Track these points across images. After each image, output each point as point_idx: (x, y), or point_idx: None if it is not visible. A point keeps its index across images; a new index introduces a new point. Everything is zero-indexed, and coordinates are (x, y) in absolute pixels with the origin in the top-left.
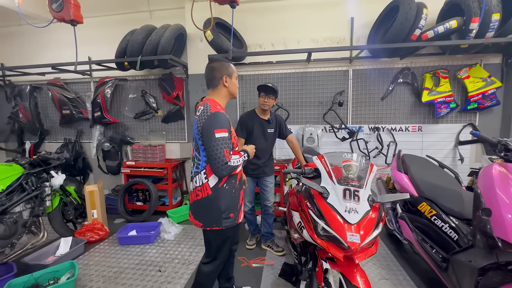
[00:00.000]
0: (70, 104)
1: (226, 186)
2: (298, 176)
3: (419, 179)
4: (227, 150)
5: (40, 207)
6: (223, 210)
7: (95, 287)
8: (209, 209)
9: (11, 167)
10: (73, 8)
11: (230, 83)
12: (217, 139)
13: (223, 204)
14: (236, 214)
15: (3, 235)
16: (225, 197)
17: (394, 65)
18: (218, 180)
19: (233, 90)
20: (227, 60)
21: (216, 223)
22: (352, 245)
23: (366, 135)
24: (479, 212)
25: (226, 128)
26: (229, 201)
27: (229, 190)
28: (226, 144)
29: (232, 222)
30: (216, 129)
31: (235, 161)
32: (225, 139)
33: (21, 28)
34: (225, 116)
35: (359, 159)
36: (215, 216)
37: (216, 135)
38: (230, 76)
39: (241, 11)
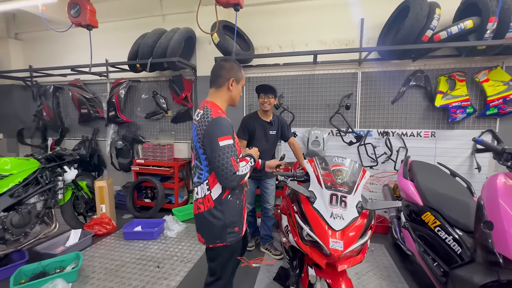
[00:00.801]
0: (87, 104)
1: (231, 197)
2: (285, 179)
3: (425, 187)
4: (234, 159)
5: (52, 199)
6: (227, 224)
7: (96, 278)
8: (212, 224)
9: (28, 161)
10: (88, 13)
11: (235, 89)
12: (222, 148)
13: (227, 218)
14: (240, 227)
15: (17, 224)
16: (229, 209)
17: (406, 67)
18: (221, 191)
19: (236, 96)
20: (240, 64)
21: (220, 239)
22: (334, 252)
23: (375, 140)
24: (481, 225)
25: (230, 135)
26: (234, 213)
27: (233, 201)
28: (232, 152)
29: (237, 236)
30: (219, 137)
31: (243, 169)
32: (231, 147)
33: (47, 33)
34: (228, 122)
35: (351, 164)
36: (219, 232)
37: (220, 143)
38: (237, 81)
39: (250, 14)
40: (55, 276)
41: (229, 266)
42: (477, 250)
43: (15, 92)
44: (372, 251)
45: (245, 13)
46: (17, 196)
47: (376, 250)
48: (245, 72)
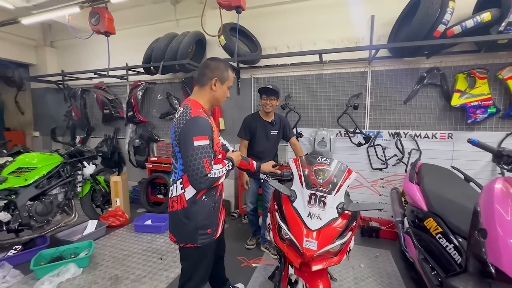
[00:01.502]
0: (110, 105)
1: (205, 198)
2: (267, 178)
3: (431, 192)
4: (207, 160)
5: (72, 191)
6: (199, 226)
7: (105, 265)
8: (184, 224)
9: (52, 156)
10: (106, 21)
11: (219, 89)
12: (195, 148)
13: (199, 219)
14: (214, 229)
15: (41, 212)
16: (203, 211)
17: (420, 65)
18: (196, 191)
19: (220, 97)
20: (229, 64)
21: (190, 239)
22: (307, 251)
23: (386, 141)
24: (475, 232)
25: (207, 135)
26: (207, 215)
27: (208, 203)
28: (206, 153)
29: (210, 238)
30: (195, 136)
31: (216, 172)
32: (205, 148)
33: (77, 40)
34: (207, 121)
35: (335, 164)
36: (190, 232)
37: (195, 143)
38: (222, 81)
39: (258, 15)
40: (69, 260)
41: (201, 268)
42: (469, 259)
43: (49, 94)
44: (376, 257)
45: (254, 14)
46: (41, 187)
47: (382, 256)
48: (254, 73)
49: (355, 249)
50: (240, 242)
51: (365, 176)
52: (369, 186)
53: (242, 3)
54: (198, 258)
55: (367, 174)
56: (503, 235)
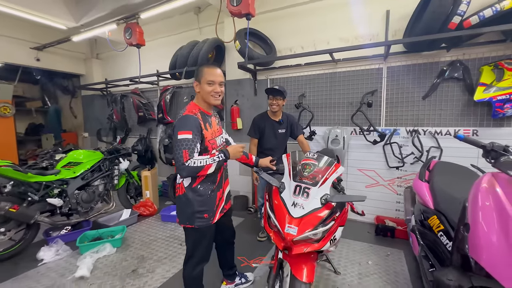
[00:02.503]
0: (143, 108)
1: (200, 187)
2: (259, 171)
3: (440, 190)
4: (186, 151)
5: (110, 183)
6: (195, 210)
7: (134, 247)
8: (183, 207)
9: (95, 153)
10: (137, 35)
11: (201, 89)
12: (178, 141)
13: (196, 205)
14: (210, 215)
15: (86, 200)
16: (198, 197)
17: (440, 58)
18: (192, 180)
19: (205, 95)
20: (206, 64)
21: (189, 221)
22: (288, 236)
23: (403, 139)
24: (460, 227)
25: (191, 130)
26: (203, 202)
27: (203, 191)
28: (187, 145)
29: (206, 222)
30: (180, 131)
31: (197, 162)
32: (187, 141)
33: (117, 52)
34: (194, 119)
35: (323, 159)
36: (188, 214)
37: (178, 136)
38: (199, 81)
39: (273, 18)
40: (106, 241)
41: (201, 247)
42: (454, 253)
43: (95, 100)
44: (387, 256)
45: (268, 18)
46: (86, 179)
47: (393, 255)
48: (269, 74)
49: (365, 247)
50: (252, 235)
51: (381, 174)
52: (385, 185)
53: (251, 10)
54: (197, 238)
55: (383, 173)
56: (482, 230)
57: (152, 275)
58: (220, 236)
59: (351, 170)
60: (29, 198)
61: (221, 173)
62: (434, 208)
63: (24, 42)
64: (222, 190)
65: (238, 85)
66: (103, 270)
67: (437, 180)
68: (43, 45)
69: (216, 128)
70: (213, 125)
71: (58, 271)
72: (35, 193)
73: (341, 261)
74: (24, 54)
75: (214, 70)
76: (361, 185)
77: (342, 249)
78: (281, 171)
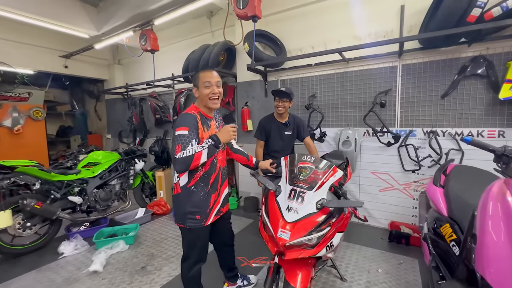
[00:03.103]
0: (160, 110)
1: (194, 188)
2: (256, 174)
3: (455, 196)
4: (179, 145)
5: (126, 183)
6: (187, 211)
7: (145, 244)
8: (177, 206)
9: (112, 154)
10: (152, 41)
11: (199, 93)
12: (175, 136)
13: (189, 206)
14: (203, 217)
15: (103, 198)
16: (191, 198)
17: (461, 54)
18: (187, 181)
19: (203, 98)
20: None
21: (181, 221)
22: (280, 240)
23: (420, 141)
24: (468, 238)
25: (187, 127)
26: (196, 203)
27: (196, 192)
28: (181, 140)
29: (198, 224)
30: (177, 127)
31: (186, 152)
32: (182, 136)
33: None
34: (190, 117)
35: (320, 163)
36: (181, 214)
37: (176, 133)
38: (197, 86)
39: (282, 19)
40: (120, 238)
41: (195, 248)
42: (459, 265)
43: (117, 104)
44: (399, 264)
45: (278, 19)
46: (104, 179)
47: (406, 264)
48: (280, 75)
49: (377, 253)
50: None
51: (396, 178)
52: (400, 189)
53: (257, 12)
54: (191, 239)
55: (398, 176)
56: (489, 242)
57: (159, 272)
58: (217, 239)
59: (364, 173)
60: (52, 196)
61: (215, 175)
62: (447, 215)
63: (53, 51)
64: (217, 192)
65: (249, 86)
66: (115, 265)
67: (452, 185)
68: (70, 53)
69: (214, 131)
70: (212, 129)
71: (76, 264)
72: (57, 191)
73: (348, 268)
74: (54, 62)
75: (210, 72)
76: (374, 188)
77: (352, 255)
78: (281, 174)
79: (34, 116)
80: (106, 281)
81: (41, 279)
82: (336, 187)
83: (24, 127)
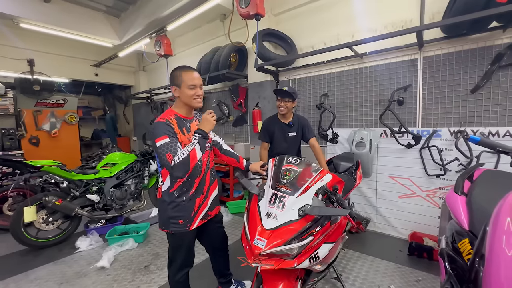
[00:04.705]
0: None
1: (176, 193)
2: (240, 176)
3: (478, 206)
4: (169, 153)
5: (140, 183)
6: (170, 216)
7: (153, 244)
8: (160, 211)
9: (129, 155)
10: (165, 46)
11: (181, 93)
12: (159, 147)
13: (171, 211)
14: (186, 221)
15: (119, 197)
16: (174, 203)
17: (495, 41)
18: (169, 185)
19: (186, 99)
20: (184, 67)
21: (164, 226)
22: (255, 248)
23: (446, 142)
24: (476, 259)
25: (165, 135)
26: (179, 208)
27: (179, 197)
28: (167, 148)
29: (182, 229)
30: (156, 138)
31: (180, 155)
32: (166, 145)
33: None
34: (162, 124)
35: (306, 165)
36: (164, 219)
37: (157, 144)
38: (178, 85)
39: (293, 16)
40: (130, 236)
41: (181, 253)
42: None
43: (142, 108)
44: (417, 281)
45: (288, 16)
46: (120, 178)
47: (425, 282)
48: (291, 74)
49: (391, 267)
50: None
51: (418, 183)
52: (423, 196)
53: (259, 10)
54: (175, 243)
55: (421, 182)
56: (498, 265)
57: (160, 272)
58: (208, 243)
59: (381, 177)
60: (72, 194)
61: (200, 178)
62: (468, 229)
63: (85, 60)
64: (203, 196)
65: (260, 87)
66: (122, 263)
67: (477, 194)
68: (100, 62)
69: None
70: (192, 130)
71: (88, 259)
72: (77, 189)
73: (356, 282)
74: (86, 71)
75: (192, 73)
76: (393, 194)
77: (362, 267)
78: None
79: (69, 120)
80: (110, 277)
81: (55, 271)
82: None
83: (60, 130)
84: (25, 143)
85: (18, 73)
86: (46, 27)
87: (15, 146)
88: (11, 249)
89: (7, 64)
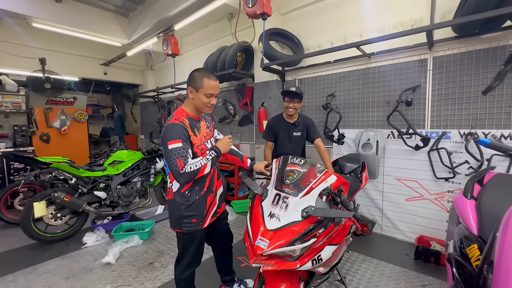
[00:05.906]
0: None
1: (188, 193)
2: (244, 176)
3: (488, 211)
4: (180, 160)
5: (146, 181)
6: (183, 215)
7: (158, 241)
8: (172, 211)
9: (135, 153)
10: (173, 45)
11: (196, 97)
12: (170, 151)
13: (184, 210)
14: (200, 220)
15: (125, 194)
16: (186, 203)
17: (508, 41)
18: (180, 186)
19: (199, 104)
20: (207, 74)
21: (178, 226)
22: (257, 249)
23: (456, 144)
24: (484, 266)
25: (179, 139)
26: (192, 207)
27: (191, 197)
28: (179, 154)
29: (195, 227)
30: (169, 141)
31: (192, 166)
32: (178, 149)
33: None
34: (179, 127)
35: (310, 166)
36: (177, 219)
37: (169, 147)
38: (196, 89)
39: (300, 16)
40: (135, 233)
41: (190, 251)
42: None
43: (149, 106)
44: (423, 286)
45: (296, 16)
46: (126, 176)
47: (432, 286)
48: (297, 74)
49: (397, 271)
50: None
51: (426, 186)
52: (431, 199)
53: (266, 9)
54: (186, 242)
55: (429, 184)
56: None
57: (164, 270)
58: (216, 241)
59: (388, 179)
60: (80, 190)
61: (210, 177)
62: (477, 234)
63: (94, 59)
64: (213, 194)
65: (266, 87)
66: (127, 259)
67: (487, 198)
68: (109, 61)
69: (205, 132)
70: (202, 130)
71: (94, 255)
72: (85, 186)
73: (360, 285)
74: (95, 70)
75: (215, 82)
76: (400, 197)
77: (367, 271)
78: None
79: (78, 118)
80: (115, 273)
81: (63, 266)
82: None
83: (69, 128)
84: (36, 139)
85: (30, 72)
86: (58, 26)
87: (26, 142)
88: (21, 242)
89: (20, 62)
